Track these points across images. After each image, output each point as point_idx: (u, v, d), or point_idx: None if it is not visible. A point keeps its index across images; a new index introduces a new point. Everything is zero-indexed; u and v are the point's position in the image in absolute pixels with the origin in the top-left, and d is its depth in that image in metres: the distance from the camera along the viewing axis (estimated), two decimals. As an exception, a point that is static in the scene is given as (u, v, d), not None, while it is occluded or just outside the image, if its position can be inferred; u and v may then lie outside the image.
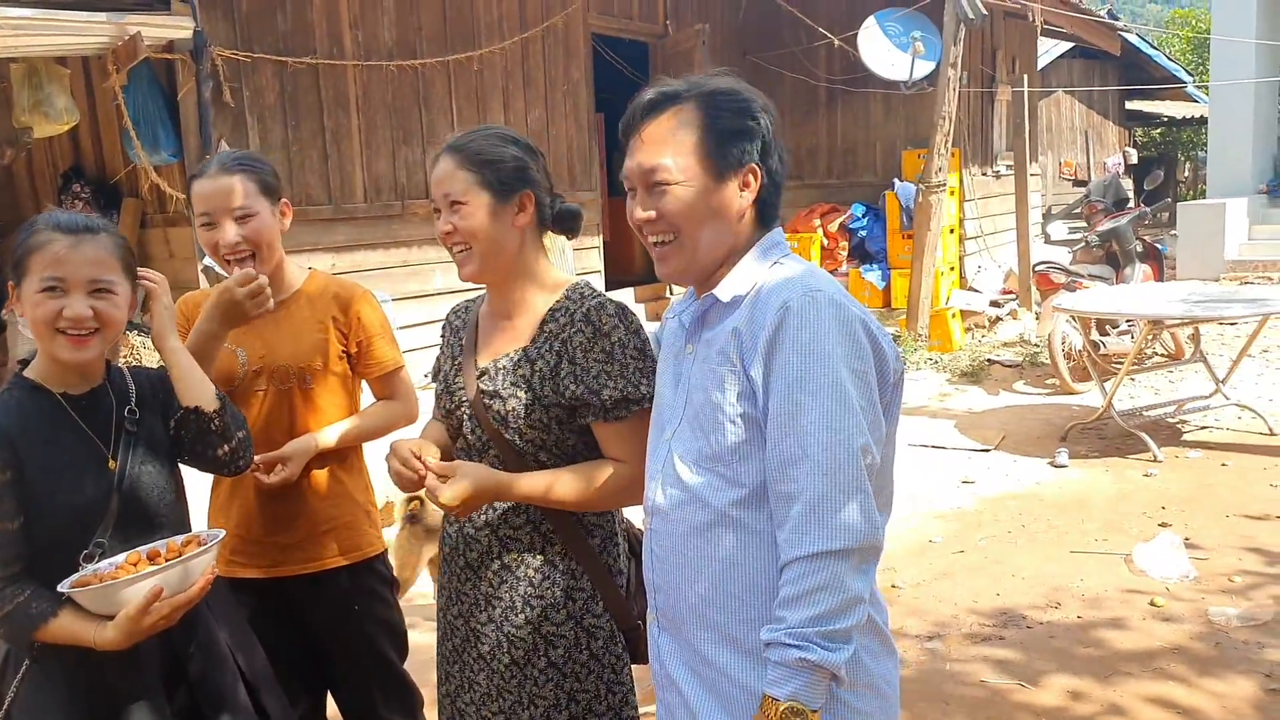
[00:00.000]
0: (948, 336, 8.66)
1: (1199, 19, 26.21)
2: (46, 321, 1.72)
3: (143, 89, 5.86)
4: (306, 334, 2.30)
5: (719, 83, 1.55)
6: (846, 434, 1.37)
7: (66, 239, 1.73)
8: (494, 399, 1.84)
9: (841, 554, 1.34)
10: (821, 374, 1.38)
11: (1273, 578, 4.04)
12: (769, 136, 1.54)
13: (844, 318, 1.42)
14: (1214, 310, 6.05)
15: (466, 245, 1.86)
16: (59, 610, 1.68)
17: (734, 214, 1.54)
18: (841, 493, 1.35)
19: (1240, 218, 11.39)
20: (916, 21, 9.22)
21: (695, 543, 1.51)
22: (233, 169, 2.20)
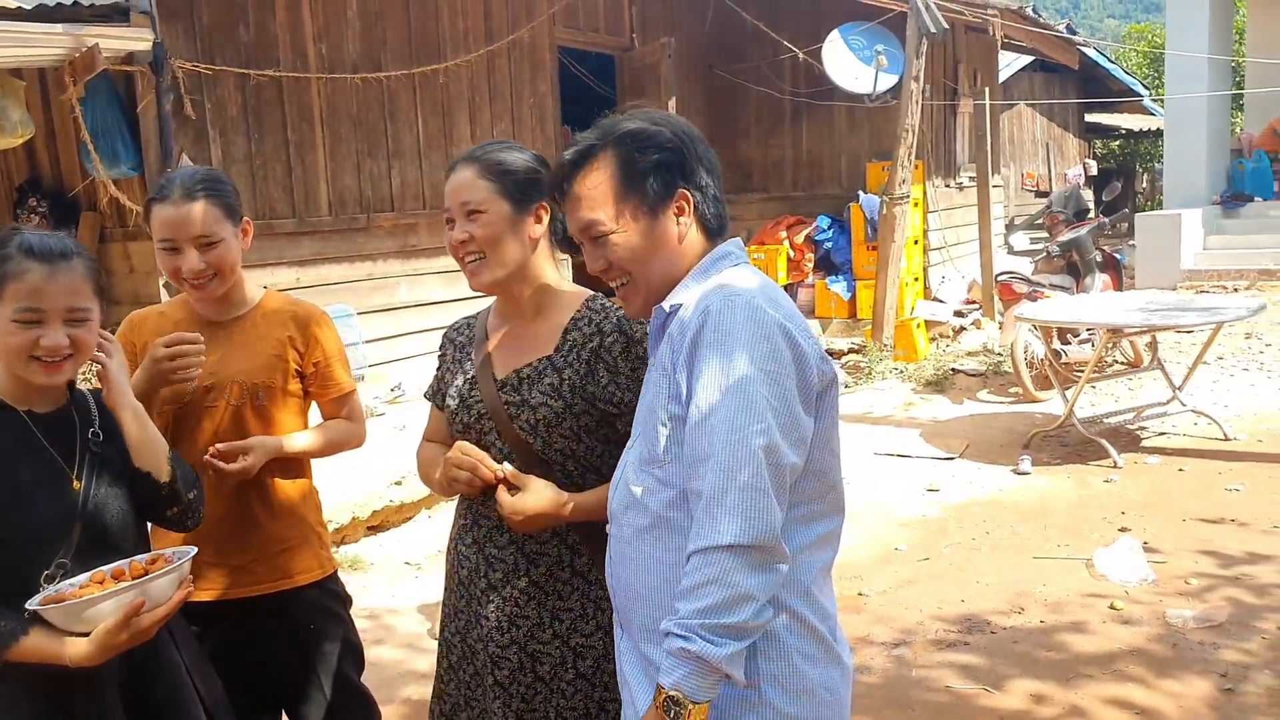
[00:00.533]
0: (912, 346, 8.75)
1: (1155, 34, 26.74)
2: (21, 350, 1.71)
3: (101, 101, 5.80)
4: (260, 351, 2.29)
5: (626, 124, 1.61)
6: (746, 432, 1.39)
7: (42, 268, 1.71)
8: (522, 408, 1.84)
9: (730, 549, 1.35)
10: (730, 374, 1.41)
11: (1228, 580, 4.12)
12: (687, 158, 1.59)
13: (758, 319, 1.44)
14: (1170, 319, 6.17)
15: (481, 254, 1.88)
16: (29, 629, 1.66)
17: (676, 240, 1.60)
18: (738, 490, 1.37)
19: (1196, 228, 11.60)
20: (880, 35, 9.33)
21: (638, 545, 1.55)
22: (196, 194, 2.15)
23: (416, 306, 7.64)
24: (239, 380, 2.25)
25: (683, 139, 1.60)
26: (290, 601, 2.30)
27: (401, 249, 7.54)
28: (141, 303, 6.29)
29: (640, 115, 1.63)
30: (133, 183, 6.06)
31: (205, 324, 2.28)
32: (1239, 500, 5.05)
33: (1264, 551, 4.37)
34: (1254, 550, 4.39)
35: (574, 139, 1.64)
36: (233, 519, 2.25)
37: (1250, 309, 6.16)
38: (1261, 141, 12.95)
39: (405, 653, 3.92)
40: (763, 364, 1.42)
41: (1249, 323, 8.37)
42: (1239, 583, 4.08)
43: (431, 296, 7.75)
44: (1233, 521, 4.76)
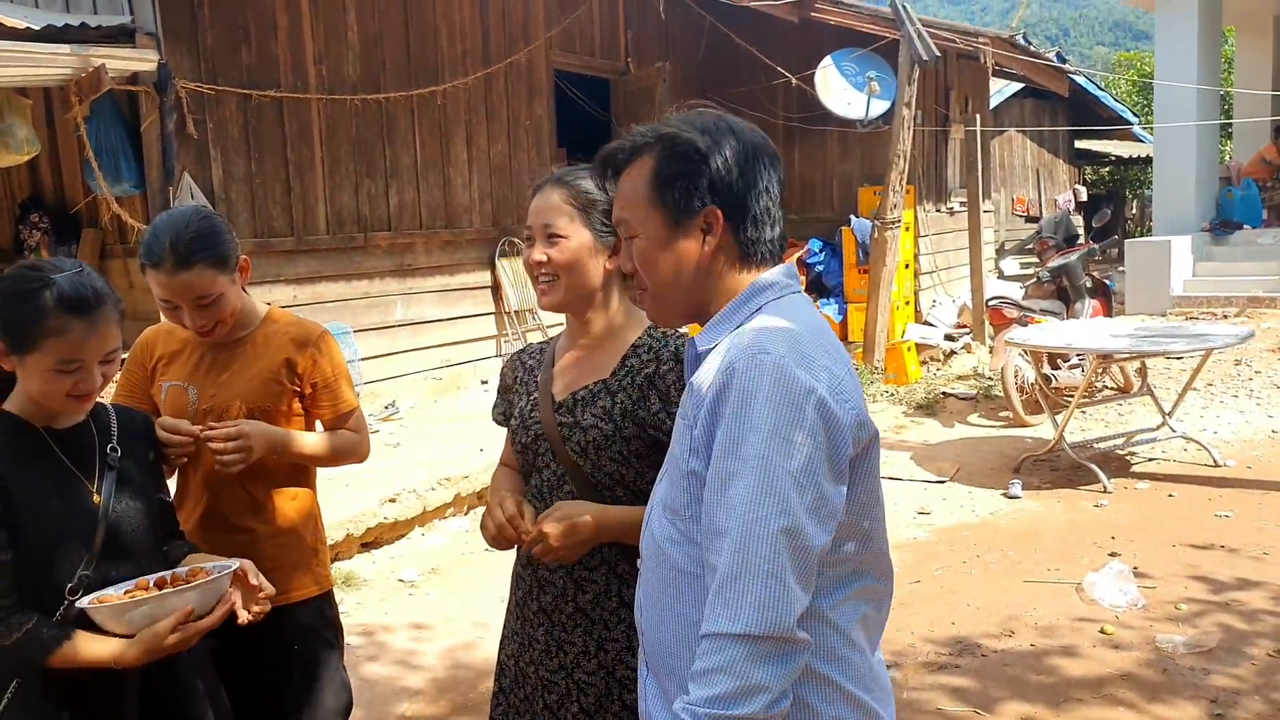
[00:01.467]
0: (903, 370, 8.81)
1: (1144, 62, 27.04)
2: (59, 393, 1.76)
3: (105, 120, 5.87)
4: (258, 374, 2.29)
5: (670, 126, 1.51)
6: (765, 512, 1.28)
7: (82, 323, 1.74)
8: (574, 430, 1.86)
9: (741, 639, 1.26)
10: (752, 445, 1.30)
11: (1218, 605, 4.16)
12: (723, 174, 1.46)
13: (786, 385, 1.32)
14: (1160, 345, 6.24)
15: (554, 275, 1.88)
16: (72, 633, 1.70)
17: (698, 260, 1.48)
18: (752, 576, 1.27)
19: (1185, 255, 11.71)
20: (872, 62, 9.44)
21: (661, 592, 1.49)
22: (191, 260, 2.11)
23: (412, 325, 7.69)
24: (238, 402, 2.26)
25: (723, 151, 1.46)
26: (284, 619, 2.27)
27: (398, 268, 7.59)
28: (140, 319, 6.31)
29: (691, 118, 1.52)
30: (134, 200, 6.12)
31: (208, 346, 2.31)
32: (1228, 526, 5.11)
33: (1253, 577, 4.42)
34: (1244, 576, 4.44)
35: (632, 131, 1.57)
36: (230, 536, 2.26)
37: (1239, 336, 6.24)
38: (1250, 170, 13.10)
39: (398, 670, 3.93)
40: (789, 434, 1.30)
41: (1238, 349, 8.45)
42: (1229, 608, 4.12)
43: (427, 315, 7.80)
44: (1222, 547, 4.81)
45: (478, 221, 8.26)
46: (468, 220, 8.17)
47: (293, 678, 2.33)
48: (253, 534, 2.29)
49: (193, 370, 2.27)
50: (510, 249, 8.44)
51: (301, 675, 2.34)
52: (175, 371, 2.29)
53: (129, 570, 1.81)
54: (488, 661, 3.98)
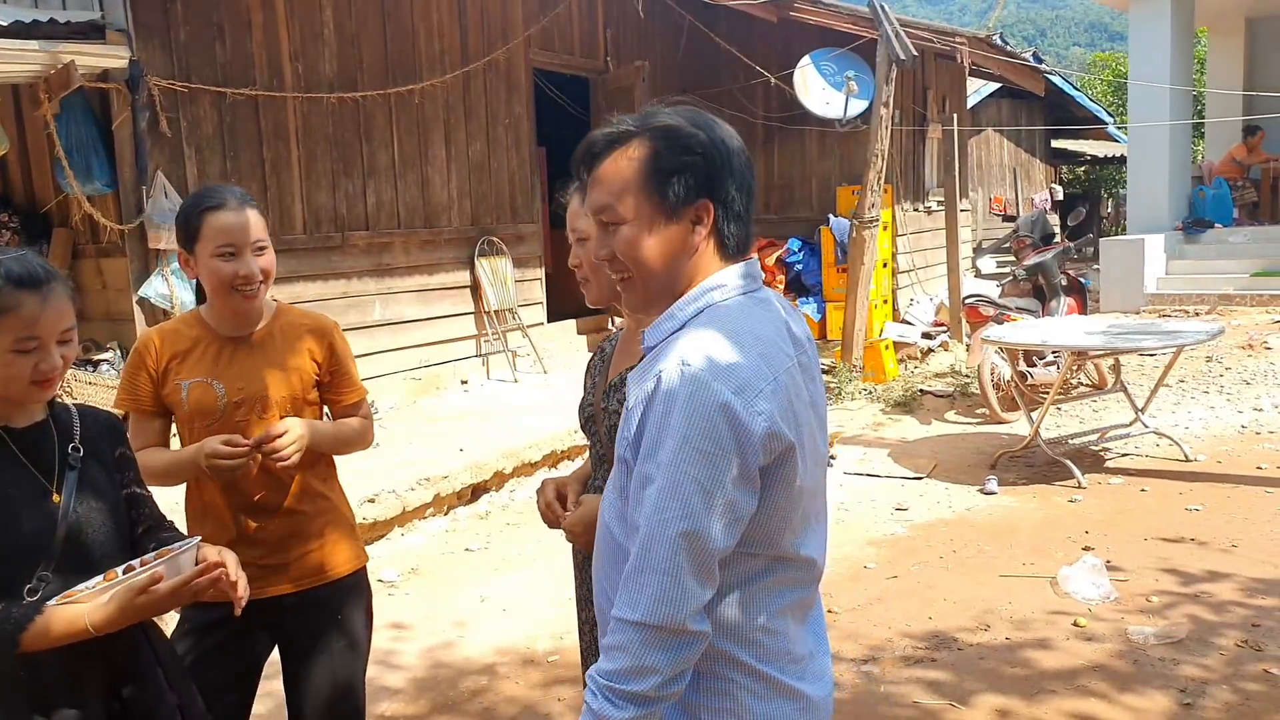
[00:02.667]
0: (881, 368, 8.86)
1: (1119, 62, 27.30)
2: (22, 377, 1.75)
3: (76, 118, 5.81)
4: (285, 364, 2.35)
5: (665, 118, 1.54)
6: (667, 516, 1.38)
7: (34, 297, 1.74)
8: (608, 415, 2.02)
9: (636, 625, 1.39)
10: (666, 451, 1.39)
11: (1188, 597, 4.21)
12: (718, 168, 1.52)
13: (699, 398, 1.39)
14: (1133, 342, 6.31)
15: (585, 278, 2.04)
16: (42, 609, 1.68)
17: (687, 250, 1.53)
18: (651, 571, 1.39)
19: (1158, 253, 11.84)
20: (850, 61, 9.49)
21: (610, 571, 1.57)
22: (248, 203, 2.27)
23: (390, 325, 7.67)
24: (266, 395, 2.31)
25: (718, 148, 1.53)
26: (332, 591, 2.38)
27: (376, 268, 7.56)
28: (114, 319, 6.28)
29: (683, 113, 1.56)
30: (106, 200, 6.06)
31: (223, 339, 2.33)
32: (1199, 520, 5.17)
33: (1222, 570, 4.48)
34: (1213, 568, 4.50)
35: (613, 120, 1.59)
36: (267, 519, 2.32)
37: (1210, 333, 6.31)
38: (1221, 169, 13.26)
39: (378, 669, 3.92)
40: (697, 444, 1.38)
41: (1209, 346, 8.56)
42: (1198, 600, 4.18)
43: (405, 315, 7.78)
44: (1192, 540, 4.87)
45: (456, 221, 8.24)
46: (446, 219, 8.15)
47: (334, 645, 2.39)
48: (303, 515, 2.37)
49: (212, 365, 2.29)
50: (489, 248, 8.43)
51: (343, 643, 2.41)
52: (192, 369, 2.29)
53: (92, 571, 1.79)
54: (467, 660, 3.99)
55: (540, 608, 4.43)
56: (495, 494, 6.07)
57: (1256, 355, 8.83)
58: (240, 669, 2.33)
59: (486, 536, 5.45)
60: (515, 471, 6.20)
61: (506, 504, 6.00)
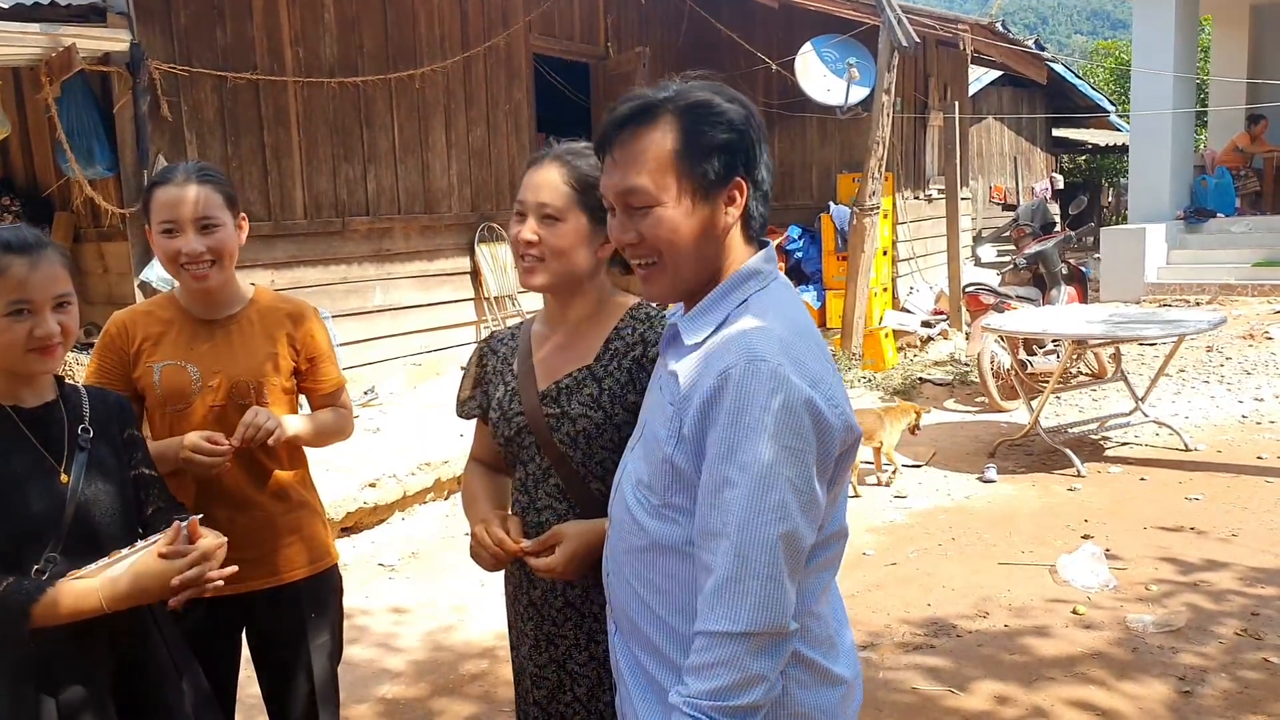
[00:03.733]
0: (881, 356, 8.87)
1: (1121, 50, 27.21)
2: (17, 343, 1.74)
3: (77, 101, 5.79)
4: (259, 349, 2.31)
5: (698, 94, 1.47)
6: (764, 518, 1.32)
7: (23, 260, 1.73)
8: (562, 420, 1.79)
9: (742, 636, 1.32)
10: (751, 451, 1.33)
11: (1186, 586, 4.23)
12: (753, 147, 1.46)
13: (784, 392, 1.34)
14: (1133, 331, 6.31)
15: (541, 257, 1.79)
16: (54, 583, 1.68)
17: (720, 232, 1.47)
18: (752, 578, 1.32)
19: (1159, 243, 11.84)
20: (852, 48, 9.46)
21: (632, 562, 1.52)
22: (199, 179, 2.19)
23: (390, 310, 7.67)
24: (240, 378, 2.27)
25: (753, 123, 1.46)
26: (295, 591, 2.34)
27: (376, 253, 7.55)
28: (116, 303, 6.27)
29: (710, 87, 1.48)
30: (108, 183, 6.05)
31: (197, 322, 2.29)
32: (1198, 509, 5.18)
33: (1221, 559, 4.49)
34: (1212, 557, 4.51)
35: (632, 94, 1.49)
36: (244, 513, 2.28)
37: (1211, 322, 6.31)
38: (1224, 159, 13.24)
39: (378, 652, 3.94)
40: (785, 441, 1.33)
41: (1209, 336, 8.56)
42: (1197, 589, 4.19)
43: (405, 300, 7.78)
44: (1192, 529, 4.88)
45: (456, 206, 8.23)
46: (446, 205, 8.14)
47: (308, 644, 2.37)
48: (276, 510, 2.33)
49: (187, 348, 2.25)
50: (490, 234, 8.42)
51: (317, 642, 2.38)
52: (166, 352, 2.25)
53: (100, 552, 1.79)
54: (467, 644, 4.00)
55: (540, 593, 4.44)
56: (495, 480, 6.07)
57: (1257, 345, 8.84)
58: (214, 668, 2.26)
59: (487, 522, 5.46)
60: (515, 457, 6.20)
61: (507, 490, 6.01)
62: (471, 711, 3.49)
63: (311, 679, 2.37)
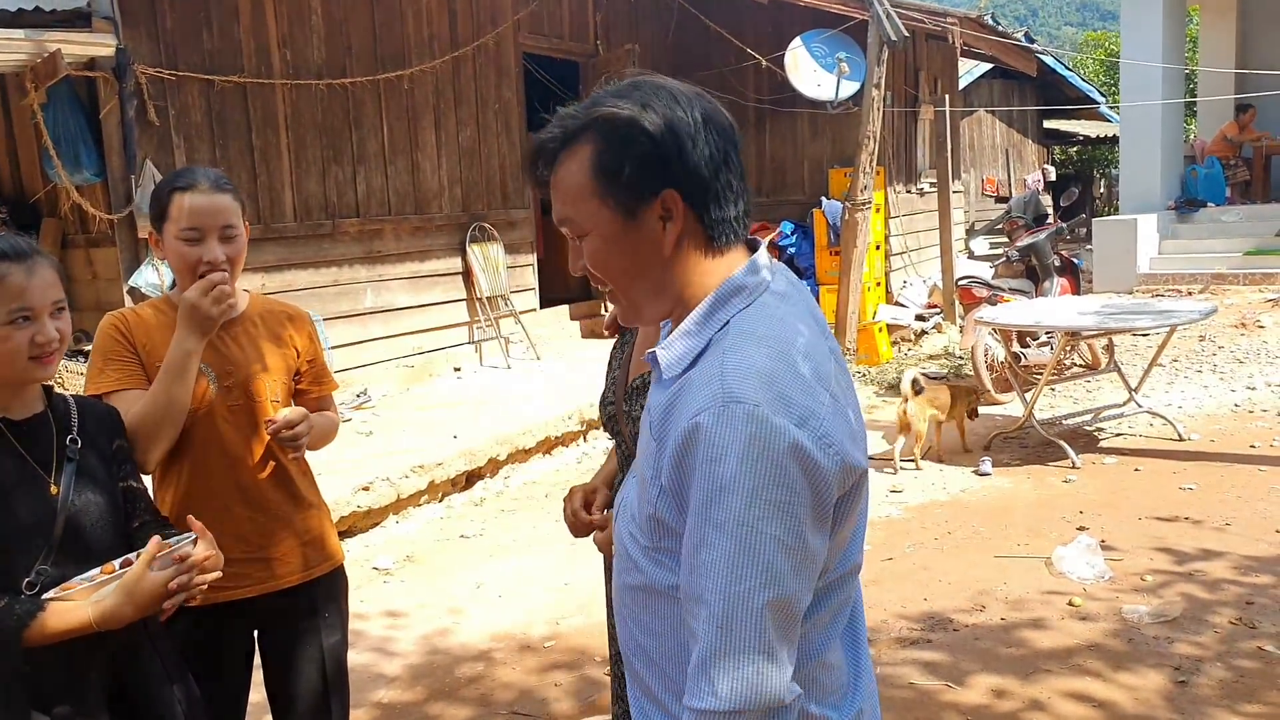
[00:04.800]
0: (875, 350, 8.87)
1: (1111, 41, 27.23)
2: (20, 351, 1.74)
3: (63, 107, 5.76)
4: (267, 350, 2.32)
5: (605, 106, 1.31)
6: (747, 586, 1.17)
7: (20, 268, 1.74)
8: (628, 419, 1.83)
9: (729, 715, 1.18)
10: (727, 510, 1.17)
11: (1181, 576, 4.23)
12: (672, 151, 1.28)
13: (763, 441, 1.17)
14: (1126, 322, 6.31)
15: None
16: (44, 605, 1.67)
17: (661, 249, 1.31)
18: (737, 653, 1.17)
19: (1151, 233, 11.85)
20: (841, 43, 9.45)
21: (628, 600, 1.42)
22: (223, 187, 2.19)
23: (382, 312, 7.64)
24: (258, 379, 2.27)
25: (670, 128, 1.29)
26: (315, 589, 2.36)
27: (367, 255, 7.53)
28: (104, 309, 6.22)
29: (626, 92, 1.33)
30: (95, 189, 6.02)
31: None
32: (1192, 499, 5.19)
33: (1216, 548, 4.49)
34: (1206, 547, 4.52)
35: (559, 115, 1.37)
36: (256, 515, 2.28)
37: (1202, 312, 6.32)
38: (1213, 148, 13.25)
39: (374, 656, 3.92)
40: (768, 495, 1.17)
41: (1201, 325, 8.58)
42: (1192, 579, 4.19)
43: (397, 302, 7.76)
44: (1186, 519, 4.89)
45: (447, 207, 8.20)
46: (437, 206, 8.12)
47: (322, 643, 2.38)
48: (283, 513, 2.33)
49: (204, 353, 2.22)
50: (481, 234, 8.40)
51: (330, 640, 2.40)
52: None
53: (91, 563, 1.78)
54: (463, 647, 3.99)
55: (536, 594, 4.43)
56: (490, 480, 6.06)
57: (1249, 334, 8.86)
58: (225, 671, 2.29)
59: (481, 523, 5.45)
60: (509, 458, 6.19)
61: (501, 490, 6.00)
62: (469, 715, 3.47)
63: (326, 678, 2.38)
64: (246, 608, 2.28)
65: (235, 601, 2.24)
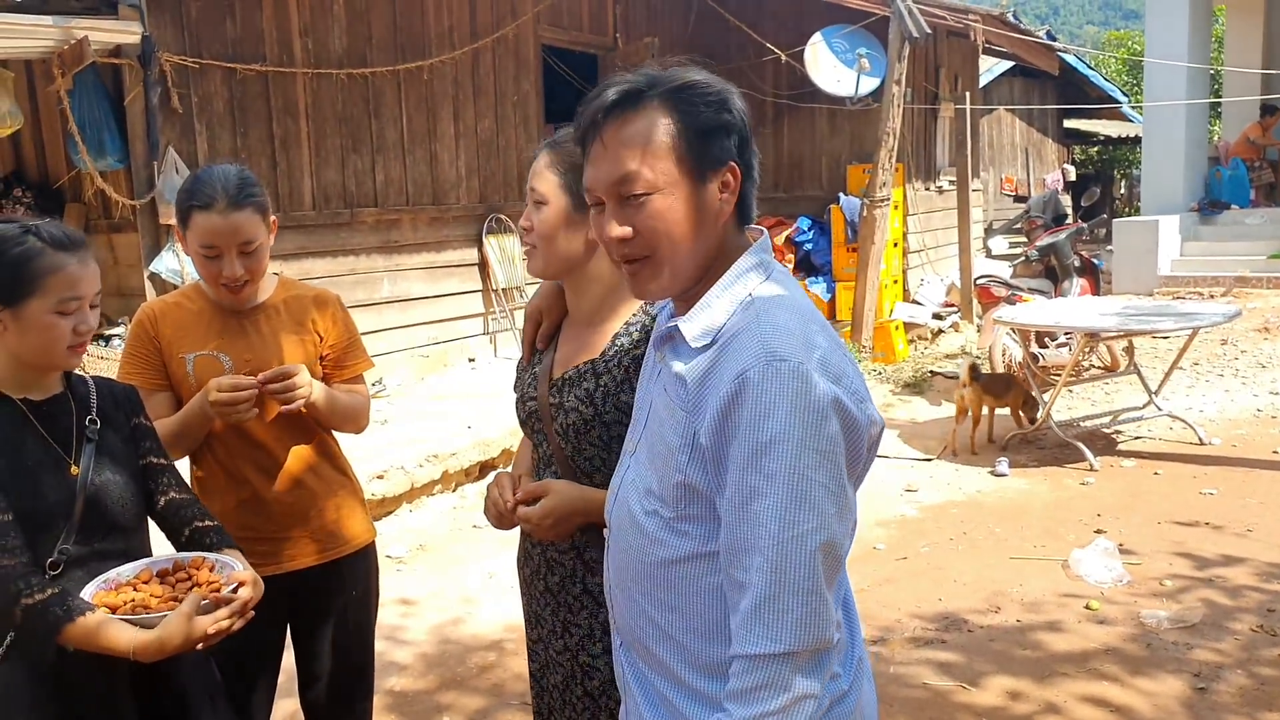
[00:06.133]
0: (891, 348, 8.82)
1: (1134, 40, 27.01)
2: (63, 338, 1.77)
3: (88, 94, 5.79)
4: (289, 339, 2.33)
5: (688, 74, 1.39)
6: (801, 530, 1.24)
7: (73, 258, 1.77)
8: (559, 411, 1.79)
9: (785, 656, 1.24)
10: (779, 459, 1.25)
11: (1201, 581, 4.19)
12: (745, 130, 1.40)
13: (809, 394, 1.26)
14: (1147, 324, 6.26)
15: (534, 244, 1.82)
16: (91, 610, 1.68)
17: (715, 219, 1.39)
18: (791, 594, 1.24)
19: (1173, 235, 11.74)
20: (862, 39, 9.40)
21: (641, 579, 1.44)
22: (241, 203, 2.16)
23: (399, 302, 7.65)
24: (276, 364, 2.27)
25: (741, 107, 1.41)
26: (345, 567, 2.38)
27: (384, 244, 7.54)
28: (125, 295, 6.28)
29: (695, 71, 1.41)
30: (119, 175, 6.05)
31: (227, 313, 2.30)
32: (1213, 503, 5.14)
33: (1237, 554, 4.45)
34: (1227, 553, 4.48)
35: (613, 79, 1.41)
36: (287, 491, 2.31)
37: (1225, 315, 6.26)
38: (1237, 149, 13.12)
39: (386, 645, 3.93)
40: (815, 445, 1.25)
41: (1224, 329, 8.50)
42: (1212, 584, 4.16)
43: (413, 292, 7.76)
44: (1207, 524, 4.84)
45: (465, 198, 8.21)
46: (454, 197, 8.12)
47: (349, 623, 2.41)
48: (315, 486, 2.35)
49: (219, 338, 2.26)
50: (498, 226, 8.40)
51: (356, 619, 2.43)
52: (195, 343, 2.26)
53: (111, 543, 1.79)
54: (475, 637, 3.99)
55: (550, 586, 4.43)
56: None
57: (1273, 338, 8.77)
58: (262, 648, 2.32)
59: (496, 515, 5.45)
60: (525, 450, 6.19)
61: (516, 482, 6.00)
62: (480, 704, 3.48)
63: (351, 656, 2.41)
64: (275, 584, 2.27)
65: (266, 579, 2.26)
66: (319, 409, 2.30)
